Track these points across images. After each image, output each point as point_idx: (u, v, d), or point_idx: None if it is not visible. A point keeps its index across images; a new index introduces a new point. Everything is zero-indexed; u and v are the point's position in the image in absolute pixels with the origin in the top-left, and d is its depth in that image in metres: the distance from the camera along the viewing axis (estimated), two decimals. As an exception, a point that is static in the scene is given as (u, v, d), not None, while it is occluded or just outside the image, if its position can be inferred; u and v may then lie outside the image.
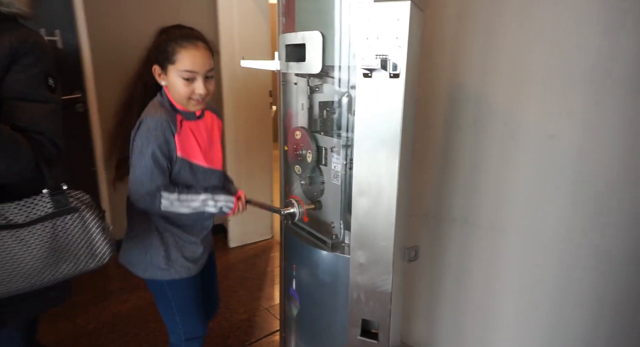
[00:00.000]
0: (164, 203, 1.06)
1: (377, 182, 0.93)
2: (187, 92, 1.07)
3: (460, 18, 1.24)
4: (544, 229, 1.16)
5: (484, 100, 1.21)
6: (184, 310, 1.23)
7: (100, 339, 1.83)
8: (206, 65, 1.07)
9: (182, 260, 1.16)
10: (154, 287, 1.21)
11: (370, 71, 0.87)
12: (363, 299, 1.02)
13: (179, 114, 1.10)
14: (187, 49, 1.05)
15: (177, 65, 1.05)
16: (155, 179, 1.05)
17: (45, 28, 2.55)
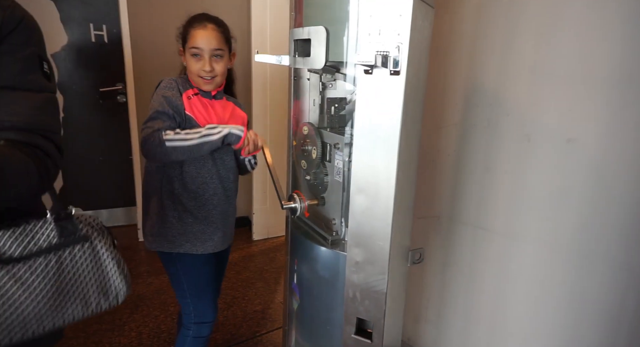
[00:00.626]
0: (167, 137, 1.08)
1: (375, 181, 0.92)
2: (195, 69, 1.18)
3: (480, 17, 1.19)
4: (559, 237, 1.09)
5: (500, 101, 1.16)
6: (194, 290, 1.27)
7: (123, 317, 1.94)
8: (212, 44, 1.17)
9: (189, 234, 1.21)
10: (165, 262, 1.26)
11: (370, 67, 0.86)
12: (358, 298, 1.01)
13: (195, 88, 1.21)
14: (195, 29, 1.18)
15: (188, 44, 1.19)
16: (158, 123, 1.11)
17: (92, 24, 2.73)
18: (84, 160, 2.88)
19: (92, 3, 2.67)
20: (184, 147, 1.10)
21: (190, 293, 1.27)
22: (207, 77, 1.19)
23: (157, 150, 1.09)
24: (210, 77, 1.19)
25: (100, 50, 2.75)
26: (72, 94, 2.75)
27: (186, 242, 1.21)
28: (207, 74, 1.18)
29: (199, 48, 1.17)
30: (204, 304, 1.29)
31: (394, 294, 1.04)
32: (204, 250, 1.24)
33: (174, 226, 1.20)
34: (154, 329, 1.87)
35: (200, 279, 1.27)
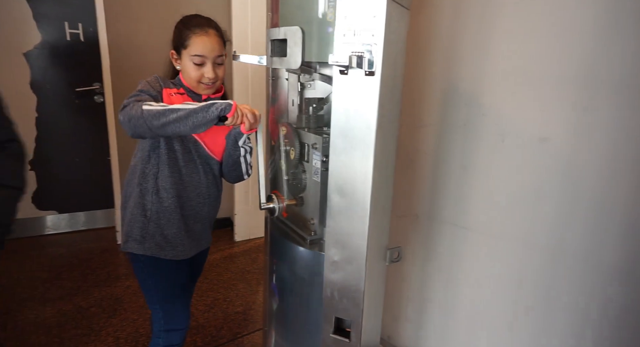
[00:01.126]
0: (146, 107, 1.00)
1: (352, 181, 0.93)
2: (197, 75, 1.15)
3: (455, 18, 1.21)
4: (533, 235, 1.12)
5: (477, 101, 1.18)
6: (164, 296, 1.22)
7: (100, 322, 1.90)
8: (215, 51, 1.15)
9: (158, 237, 1.17)
10: (134, 264, 1.21)
11: (345, 68, 0.87)
12: (337, 297, 1.02)
13: (182, 88, 1.19)
14: (198, 35, 1.13)
15: (188, 50, 1.14)
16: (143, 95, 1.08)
17: (68, 22, 2.66)
18: (58, 162, 2.80)
19: (66, 1, 2.60)
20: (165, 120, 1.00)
21: (159, 298, 1.22)
22: (208, 84, 1.17)
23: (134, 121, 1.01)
24: (212, 83, 1.18)
25: (76, 49, 2.68)
26: (46, 94, 2.67)
27: (155, 245, 1.17)
28: (210, 81, 1.17)
29: (203, 56, 1.13)
30: (175, 310, 1.25)
31: (372, 293, 1.05)
32: (174, 256, 1.20)
33: (144, 227, 1.17)
34: (131, 333, 1.83)
35: (170, 285, 1.23)
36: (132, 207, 1.18)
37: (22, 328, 1.82)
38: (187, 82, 1.19)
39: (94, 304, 2.03)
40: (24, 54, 2.56)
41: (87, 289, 2.16)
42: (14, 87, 2.58)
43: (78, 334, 1.80)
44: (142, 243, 1.17)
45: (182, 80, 1.19)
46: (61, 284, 2.21)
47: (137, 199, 1.17)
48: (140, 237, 1.17)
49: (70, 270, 2.35)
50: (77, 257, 2.51)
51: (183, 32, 1.15)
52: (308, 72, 1.16)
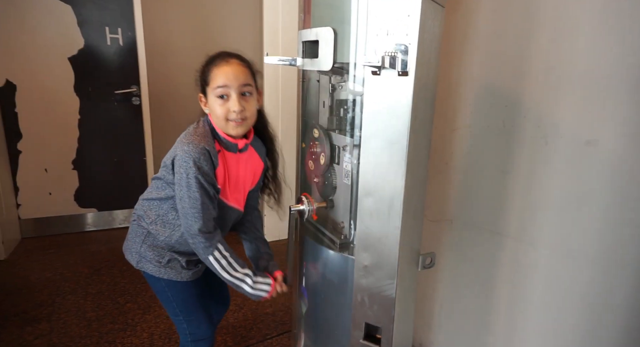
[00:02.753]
0: (216, 255, 1.05)
1: (383, 184, 0.90)
2: (223, 111, 1.04)
3: (494, 16, 1.16)
4: (577, 243, 1.05)
5: (516, 102, 1.13)
6: (186, 311, 1.21)
7: (135, 317, 1.96)
8: (239, 79, 1.04)
9: (174, 263, 1.15)
10: (153, 284, 1.19)
11: (378, 69, 0.85)
12: (367, 302, 1.00)
13: (218, 143, 1.08)
14: (219, 66, 1.04)
15: (211, 85, 1.04)
16: (210, 215, 1.03)
17: (108, 27, 2.77)
18: (99, 162, 2.93)
19: (108, 7, 2.72)
20: (216, 269, 1.07)
21: (181, 312, 1.21)
22: (237, 120, 1.05)
23: (200, 251, 1.06)
24: (241, 119, 1.05)
25: (116, 53, 2.80)
26: (88, 97, 2.80)
27: (171, 269, 1.15)
28: (238, 115, 1.04)
29: (225, 86, 1.03)
30: (198, 322, 1.24)
31: (404, 299, 1.02)
32: (189, 278, 1.18)
33: (160, 255, 1.14)
34: (165, 330, 1.88)
35: (190, 300, 1.21)
36: (146, 231, 1.15)
37: (65, 320, 1.91)
38: (216, 125, 1.08)
39: (130, 300, 2.11)
40: (68, 58, 2.69)
41: (124, 286, 2.24)
42: (60, 91, 2.72)
43: (115, 329, 1.87)
44: (158, 267, 1.14)
45: (213, 124, 1.09)
46: (101, 279, 2.30)
47: (154, 233, 1.14)
48: (156, 262, 1.14)
49: (109, 266, 2.45)
50: (116, 254, 2.61)
51: (206, 69, 1.07)
52: (340, 74, 1.14)
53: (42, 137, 2.74)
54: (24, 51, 2.58)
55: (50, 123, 2.74)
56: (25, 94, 2.65)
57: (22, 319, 1.91)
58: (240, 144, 1.11)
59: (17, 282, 2.23)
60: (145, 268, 1.16)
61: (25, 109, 2.67)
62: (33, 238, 2.81)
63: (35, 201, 2.81)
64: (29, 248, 2.66)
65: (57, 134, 2.77)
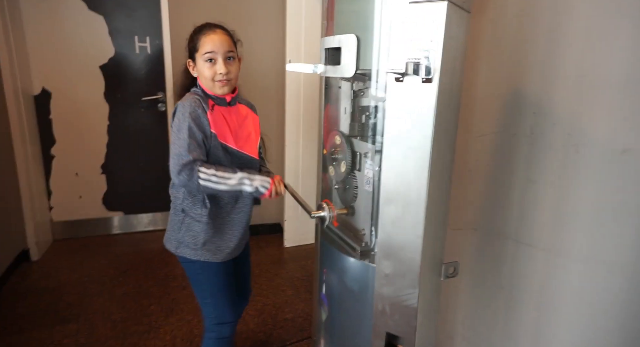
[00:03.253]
0: (202, 176, 1.12)
1: (406, 191, 0.89)
2: (210, 73, 1.19)
3: (522, 20, 1.13)
4: (611, 256, 1.01)
5: (545, 109, 1.09)
6: (216, 293, 1.32)
7: (159, 320, 2.00)
8: (224, 46, 1.20)
9: (210, 245, 1.25)
10: (188, 269, 1.30)
11: (402, 75, 0.84)
12: (388, 312, 0.98)
13: (211, 99, 1.22)
14: (206, 34, 1.20)
15: (200, 51, 1.20)
16: (192, 151, 1.12)
17: (137, 36, 2.87)
18: (125, 167, 3.01)
19: (137, 16, 2.82)
20: (214, 188, 1.15)
21: (210, 294, 1.32)
22: (223, 80, 1.21)
23: (189, 184, 1.13)
24: (226, 80, 1.21)
25: (143, 61, 2.89)
26: (117, 103, 2.90)
27: (207, 251, 1.25)
28: (224, 76, 1.20)
29: (213, 51, 1.19)
30: (223, 305, 1.33)
31: (426, 309, 1.00)
32: (224, 258, 1.29)
33: (196, 236, 1.24)
34: (187, 333, 1.91)
35: (219, 282, 1.31)
36: (182, 216, 1.26)
37: (92, 321, 1.97)
38: (204, 86, 1.23)
39: (154, 303, 2.15)
40: (100, 67, 2.80)
41: (147, 288, 2.29)
42: (92, 98, 2.83)
43: (139, 331, 1.91)
44: (195, 250, 1.25)
45: (202, 86, 1.24)
46: (126, 281, 2.36)
47: (188, 209, 1.25)
48: (192, 244, 1.25)
49: (134, 269, 2.51)
50: (140, 256, 2.67)
51: (194, 38, 1.22)
52: (362, 80, 1.14)
53: (73, 143, 2.85)
54: (59, 60, 2.70)
55: (82, 129, 2.85)
56: (59, 102, 2.77)
57: (53, 318, 1.98)
58: (227, 98, 1.25)
59: (49, 283, 2.31)
60: (184, 253, 1.26)
61: (59, 115, 2.79)
62: (63, 240, 2.91)
63: (66, 204, 2.91)
64: (59, 249, 2.76)
65: (87, 140, 2.88)
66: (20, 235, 2.52)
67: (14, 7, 2.47)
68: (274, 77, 2.94)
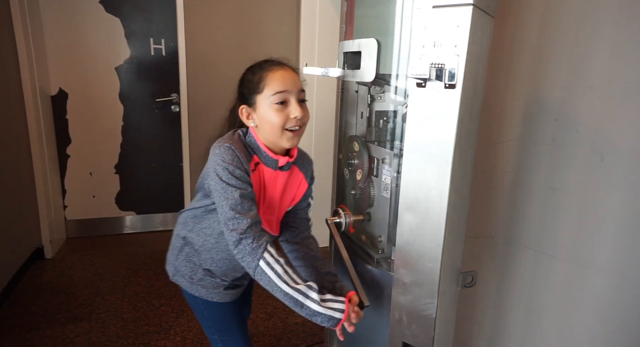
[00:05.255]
0: (267, 260, 0.88)
1: (426, 199, 0.87)
2: (281, 119, 0.94)
3: (546, 24, 1.11)
4: (638, 268, 0.98)
5: (569, 116, 1.07)
6: (222, 331, 1.16)
7: (169, 321, 2.00)
8: (297, 85, 0.97)
9: (207, 282, 1.09)
10: (188, 298, 1.14)
11: (423, 81, 0.82)
12: (405, 321, 0.96)
13: (256, 156, 0.99)
14: (274, 71, 0.96)
15: (266, 92, 0.95)
16: (248, 208, 0.91)
17: (153, 38, 2.90)
18: (138, 167, 3.04)
19: (153, 19, 2.84)
20: (272, 283, 0.89)
21: (217, 331, 1.16)
22: (296, 127, 0.96)
23: (247, 259, 0.89)
24: (299, 126, 0.97)
25: (158, 63, 2.91)
26: (131, 104, 2.93)
27: (203, 288, 1.09)
28: (299, 122, 0.96)
29: (286, 91, 0.94)
30: (234, 341, 1.17)
31: (444, 319, 0.98)
32: (220, 299, 1.11)
33: (193, 271, 1.09)
34: (197, 334, 1.90)
35: (225, 320, 1.15)
36: (183, 243, 1.10)
37: (104, 320, 1.98)
38: (265, 139, 0.99)
39: (164, 303, 2.15)
40: (115, 68, 2.83)
41: (158, 288, 2.30)
42: (107, 99, 2.86)
43: (150, 331, 1.91)
44: (190, 284, 1.10)
45: (256, 138, 0.99)
46: (137, 281, 2.38)
47: (187, 242, 1.09)
48: (189, 278, 1.10)
49: (146, 269, 2.52)
50: (152, 256, 2.69)
51: (255, 76, 0.97)
52: (379, 85, 1.13)
53: (88, 143, 2.88)
54: (76, 61, 2.74)
55: (97, 129, 2.88)
56: (76, 102, 2.80)
57: (66, 317, 1.99)
58: (282, 161, 1.01)
59: (62, 281, 2.33)
60: (179, 282, 1.12)
61: (75, 115, 2.82)
62: (76, 238, 2.94)
63: (80, 203, 2.95)
64: (72, 248, 2.79)
65: (102, 140, 2.91)
66: (35, 233, 2.55)
67: (34, 9, 2.52)
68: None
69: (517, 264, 1.24)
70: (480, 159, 1.29)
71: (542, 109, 1.12)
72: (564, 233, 1.10)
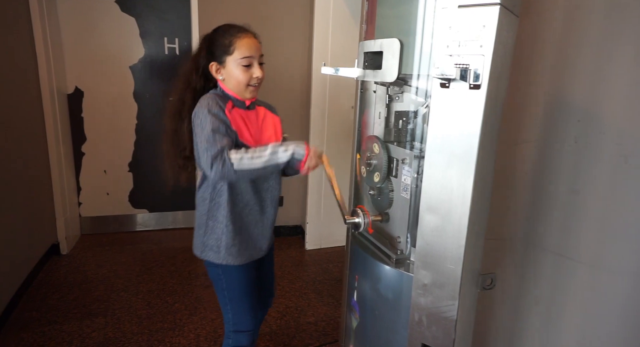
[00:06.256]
0: (234, 162, 1.08)
1: (448, 200, 0.87)
2: (246, 78, 1.17)
3: (569, 22, 1.09)
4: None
5: (593, 117, 1.05)
6: (235, 299, 1.29)
7: (183, 318, 2.02)
8: (259, 50, 1.20)
9: (233, 248, 1.22)
10: (211, 272, 1.29)
11: (447, 81, 0.82)
12: (425, 323, 0.96)
13: (230, 101, 1.19)
14: (241, 38, 1.17)
15: (235, 55, 1.16)
16: (219, 141, 1.09)
17: (167, 37, 2.92)
18: (151, 165, 3.07)
19: (167, 18, 2.87)
20: (251, 169, 1.10)
21: (230, 300, 1.29)
22: (256, 84, 1.20)
23: (224, 173, 1.09)
24: (258, 84, 1.21)
25: (172, 62, 2.93)
26: (145, 102, 2.95)
27: (228, 255, 1.23)
28: (259, 81, 1.20)
29: (252, 56, 1.17)
30: (242, 313, 1.30)
31: (464, 321, 0.97)
32: (247, 260, 1.26)
33: (219, 238, 1.23)
34: (210, 332, 1.92)
35: (240, 288, 1.29)
36: (205, 218, 1.24)
37: (119, 316, 2.00)
38: (231, 90, 1.20)
39: (178, 301, 2.17)
40: (130, 67, 2.86)
41: (172, 286, 2.32)
42: (121, 97, 2.89)
43: (164, 328, 1.93)
44: (218, 253, 1.23)
45: (225, 89, 1.21)
46: (151, 278, 2.40)
47: (212, 212, 1.23)
48: (216, 248, 1.23)
49: (159, 266, 2.55)
50: (165, 254, 2.71)
51: (225, 39, 1.17)
52: (398, 85, 1.12)
53: (103, 141, 2.92)
54: (92, 60, 2.77)
55: (111, 127, 2.92)
56: (91, 100, 2.84)
57: (82, 312, 2.02)
58: (247, 102, 1.23)
59: (77, 277, 2.37)
60: (208, 256, 1.25)
61: (90, 114, 2.86)
62: (90, 235, 2.98)
63: (94, 200, 2.98)
64: (87, 245, 2.83)
65: (116, 138, 2.94)
66: (51, 229, 2.59)
67: (52, 9, 2.55)
68: (299, 78, 2.95)
69: (536, 266, 1.23)
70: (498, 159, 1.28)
71: (565, 110, 1.11)
72: (586, 236, 1.09)
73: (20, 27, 2.26)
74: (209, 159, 1.08)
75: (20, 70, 2.25)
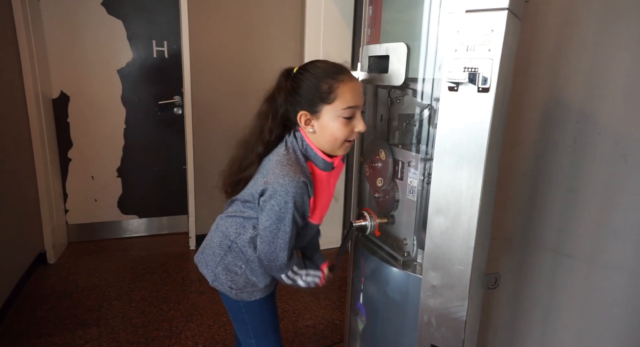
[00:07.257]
0: (288, 275, 1.03)
1: (457, 202, 0.88)
2: (345, 133, 0.95)
3: (566, 27, 1.12)
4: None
5: (590, 117, 1.08)
6: (260, 335, 1.16)
7: (179, 325, 1.98)
8: (363, 98, 0.98)
9: (249, 288, 1.11)
10: (227, 303, 1.16)
11: (456, 85, 0.83)
12: (434, 324, 0.96)
13: (312, 163, 0.99)
14: (346, 83, 0.93)
15: (336, 105, 0.93)
16: (292, 243, 0.99)
17: (155, 40, 2.88)
18: (141, 170, 3.01)
19: (156, 21, 2.82)
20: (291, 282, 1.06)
21: (255, 335, 1.16)
22: (353, 139, 1.00)
23: (274, 273, 1.04)
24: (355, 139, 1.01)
25: (161, 65, 2.89)
26: (133, 107, 2.90)
27: (242, 293, 1.11)
28: (358, 135, 0.99)
29: (357, 106, 0.95)
30: (270, 344, 1.19)
31: (472, 322, 0.98)
32: (262, 294, 1.13)
33: (234, 280, 1.10)
34: (208, 339, 1.89)
35: (264, 322, 1.17)
36: (223, 252, 1.10)
37: (113, 326, 1.95)
38: (321, 146, 0.99)
39: (173, 308, 2.13)
40: (117, 70, 2.80)
41: (165, 293, 2.28)
42: (109, 102, 2.83)
43: (161, 336, 1.89)
44: (230, 290, 1.10)
45: (311, 145, 0.99)
46: (143, 285, 2.35)
47: (233, 250, 1.09)
48: (228, 287, 1.10)
49: (151, 273, 2.50)
50: (156, 260, 2.66)
51: (324, 84, 0.93)
52: (400, 88, 1.13)
53: (90, 146, 2.85)
54: (77, 64, 2.71)
55: (99, 132, 2.85)
56: (77, 105, 2.77)
57: (73, 322, 1.96)
58: (336, 161, 1.04)
59: (67, 287, 2.30)
60: (219, 288, 1.13)
61: (77, 118, 2.79)
62: (78, 243, 2.91)
63: (81, 207, 2.91)
64: (75, 253, 2.76)
65: (104, 143, 2.88)
66: (37, 238, 2.51)
67: (36, 12, 2.48)
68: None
69: (536, 265, 1.25)
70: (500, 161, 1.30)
71: (563, 111, 1.13)
72: (584, 235, 1.12)
73: (2, 30, 2.19)
74: (281, 260, 0.99)
75: (4, 74, 2.18)
